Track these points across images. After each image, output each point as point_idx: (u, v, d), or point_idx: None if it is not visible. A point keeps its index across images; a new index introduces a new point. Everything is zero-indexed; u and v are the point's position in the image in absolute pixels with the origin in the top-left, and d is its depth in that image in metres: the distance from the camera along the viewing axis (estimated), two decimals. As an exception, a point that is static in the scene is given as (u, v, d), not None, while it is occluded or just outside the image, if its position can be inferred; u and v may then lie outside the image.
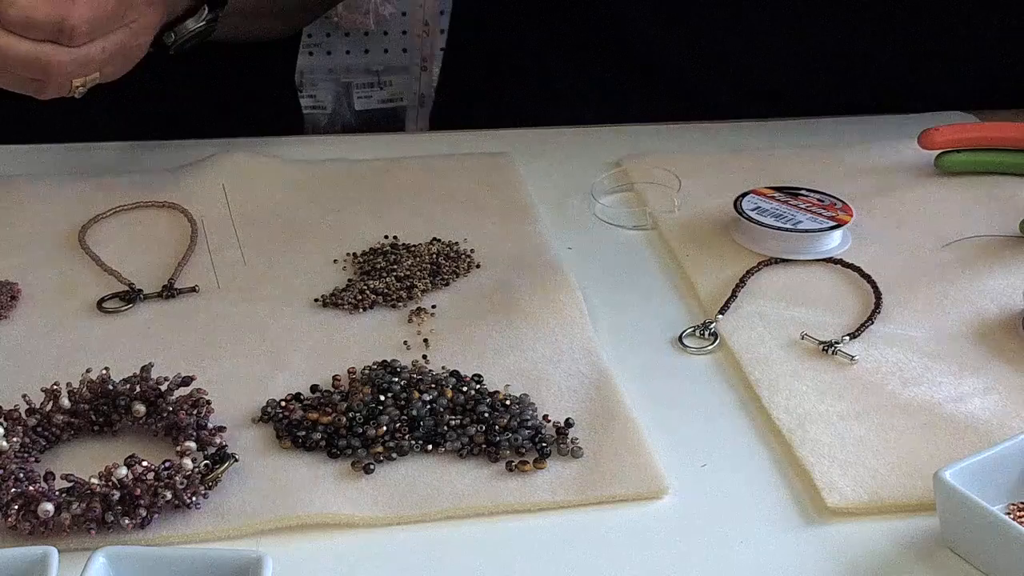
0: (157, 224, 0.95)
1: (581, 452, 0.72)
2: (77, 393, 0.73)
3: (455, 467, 0.72)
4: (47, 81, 0.87)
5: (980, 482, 0.65)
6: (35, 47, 0.85)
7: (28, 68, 0.86)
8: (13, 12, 0.84)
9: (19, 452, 0.70)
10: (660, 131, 1.12)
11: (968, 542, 0.65)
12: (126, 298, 0.86)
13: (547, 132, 1.12)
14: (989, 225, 0.96)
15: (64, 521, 0.65)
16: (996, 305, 0.87)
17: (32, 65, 0.86)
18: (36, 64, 0.86)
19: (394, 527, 0.68)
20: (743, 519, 0.69)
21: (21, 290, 0.86)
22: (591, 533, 0.68)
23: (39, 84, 0.88)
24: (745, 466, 0.73)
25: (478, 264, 0.91)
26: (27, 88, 0.88)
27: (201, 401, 0.73)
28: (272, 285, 0.88)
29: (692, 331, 0.84)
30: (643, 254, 0.94)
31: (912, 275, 0.90)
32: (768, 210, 0.93)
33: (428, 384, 0.76)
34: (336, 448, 0.72)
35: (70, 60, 0.86)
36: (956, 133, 1.04)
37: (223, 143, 1.05)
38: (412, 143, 1.09)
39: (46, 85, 0.88)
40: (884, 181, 1.03)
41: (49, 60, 0.86)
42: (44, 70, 0.86)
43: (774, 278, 0.90)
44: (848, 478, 0.71)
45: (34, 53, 0.85)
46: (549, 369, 0.79)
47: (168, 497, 0.66)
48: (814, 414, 0.76)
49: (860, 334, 0.83)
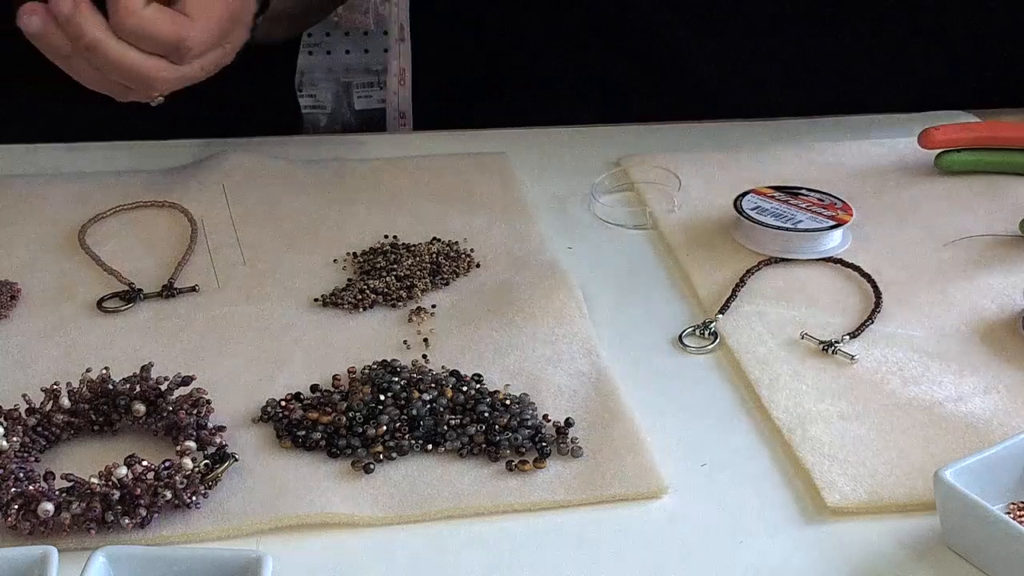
0: (157, 224, 0.95)
1: (581, 452, 0.72)
2: (77, 393, 0.73)
3: (455, 467, 0.72)
4: (139, 90, 0.87)
5: (980, 481, 0.65)
6: (145, 60, 0.85)
7: (131, 78, 0.86)
8: (133, 22, 0.83)
9: (19, 452, 0.70)
10: (660, 131, 1.12)
11: (968, 541, 0.65)
12: (126, 298, 0.86)
13: (547, 132, 1.12)
14: (989, 224, 0.96)
15: (64, 521, 0.65)
16: (996, 304, 0.87)
17: (137, 76, 0.86)
18: (141, 76, 0.85)
19: (394, 527, 0.68)
20: (743, 518, 0.69)
21: (21, 290, 0.86)
22: (591, 533, 0.68)
23: (129, 91, 0.88)
24: (745, 466, 0.73)
25: (478, 264, 0.91)
26: (114, 91, 0.88)
27: (201, 401, 0.73)
28: (272, 285, 0.88)
29: (692, 331, 0.84)
30: (643, 254, 0.94)
31: (912, 274, 0.90)
32: (768, 209, 0.93)
33: (428, 384, 0.76)
34: (336, 448, 0.72)
35: (174, 77, 0.87)
36: (956, 132, 1.04)
37: (223, 143, 1.05)
38: (412, 143, 1.09)
39: (136, 92, 0.88)
40: (884, 181, 1.03)
41: (156, 75, 0.86)
42: (147, 83, 0.86)
43: (774, 278, 0.90)
44: (848, 477, 0.71)
45: (143, 66, 0.85)
46: (549, 369, 0.79)
47: (168, 497, 0.66)
48: (814, 413, 0.76)
49: (860, 333, 0.83)
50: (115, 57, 0.84)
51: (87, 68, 0.86)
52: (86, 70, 0.87)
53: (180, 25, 0.85)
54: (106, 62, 0.85)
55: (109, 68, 0.85)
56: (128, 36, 0.84)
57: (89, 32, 0.83)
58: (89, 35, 0.83)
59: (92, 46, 0.84)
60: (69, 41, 0.84)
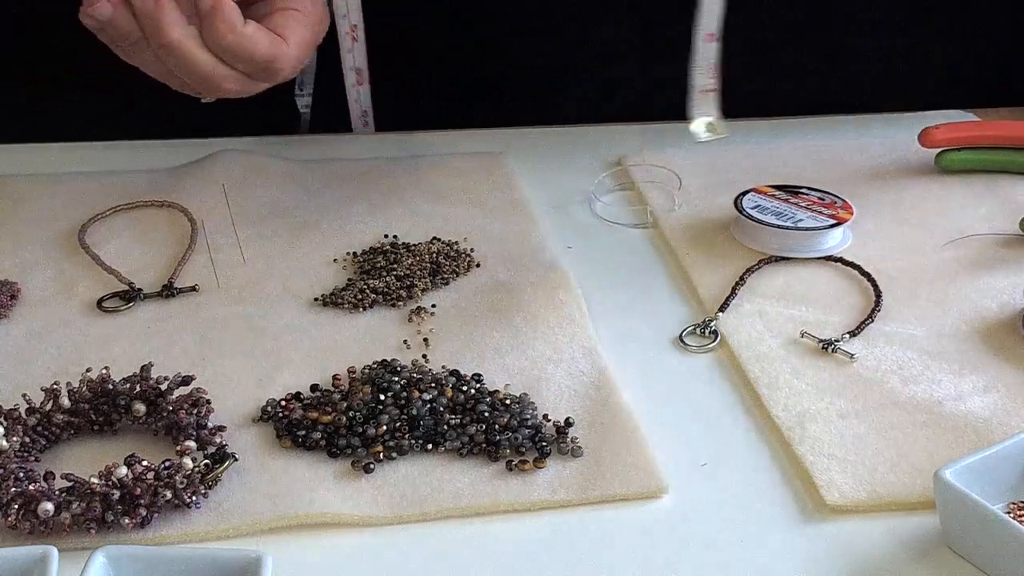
0: (157, 224, 0.95)
1: (581, 451, 0.72)
2: (77, 392, 0.73)
3: (455, 466, 0.72)
4: (203, 92, 0.86)
5: (980, 481, 0.65)
6: (224, 71, 0.83)
7: (201, 83, 0.84)
8: (232, 40, 0.82)
9: (19, 452, 0.70)
10: (660, 131, 1.12)
11: (968, 541, 0.65)
12: (126, 297, 0.86)
13: (547, 132, 1.12)
14: (989, 223, 0.96)
15: (64, 521, 0.65)
16: (996, 303, 0.87)
17: (208, 83, 0.84)
18: (213, 84, 0.84)
19: (394, 527, 0.68)
20: (743, 517, 0.69)
21: (21, 290, 0.86)
22: (591, 532, 0.68)
23: (187, 86, 0.86)
24: (745, 464, 0.73)
25: (478, 263, 0.91)
26: (171, 83, 0.86)
27: (201, 401, 0.73)
28: (272, 285, 0.88)
29: (692, 329, 0.84)
30: (643, 253, 0.94)
31: (912, 273, 0.90)
32: (768, 208, 0.93)
33: (428, 383, 0.76)
34: (336, 447, 0.72)
35: (243, 88, 0.85)
36: (956, 131, 1.04)
37: (223, 143, 1.05)
38: (412, 143, 1.09)
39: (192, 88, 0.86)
40: (884, 179, 1.03)
41: (229, 86, 0.84)
42: (217, 91, 0.85)
43: (774, 276, 0.90)
44: (847, 476, 0.71)
45: (220, 76, 0.83)
46: (549, 368, 0.79)
47: (168, 496, 0.66)
48: (814, 412, 0.76)
49: (860, 332, 0.83)
50: (194, 62, 0.83)
51: (151, 59, 0.84)
52: (150, 61, 0.85)
53: (276, 46, 0.84)
54: (182, 64, 0.83)
55: (182, 69, 0.83)
56: (222, 52, 0.82)
57: (170, 34, 0.81)
58: (170, 37, 0.81)
59: (171, 47, 0.82)
60: (141, 33, 0.82)
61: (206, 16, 0.82)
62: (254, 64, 0.84)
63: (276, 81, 0.86)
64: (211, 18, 0.82)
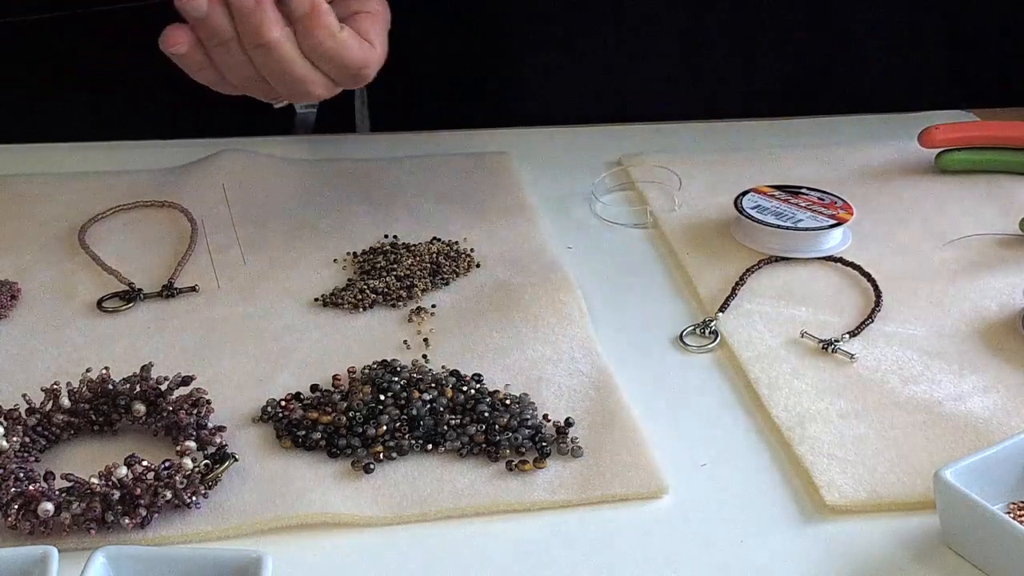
0: (157, 224, 0.95)
1: (581, 451, 0.72)
2: (77, 393, 0.73)
3: (455, 467, 0.72)
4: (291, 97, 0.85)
5: (980, 481, 0.65)
6: (316, 75, 0.82)
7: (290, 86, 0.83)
8: (331, 45, 0.81)
9: (19, 452, 0.70)
10: (660, 131, 1.12)
11: (968, 541, 0.65)
12: (126, 298, 0.86)
13: (547, 132, 1.12)
14: (989, 224, 0.96)
15: (64, 521, 0.65)
16: (996, 304, 0.87)
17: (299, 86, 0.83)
18: (304, 88, 0.83)
19: (394, 527, 0.68)
20: (743, 518, 0.69)
21: (21, 290, 0.86)
22: (591, 532, 0.68)
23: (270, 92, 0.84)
24: (745, 465, 0.73)
25: (478, 264, 0.91)
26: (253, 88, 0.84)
27: (201, 401, 0.73)
28: (272, 285, 0.88)
29: (692, 329, 0.84)
30: (643, 253, 0.94)
31: (912, 273, 0.90)
32: (768, 208, 0.93)
33: (428, 384, 0.76)
34: (336, 448, 0.72)
35: (329, 93, 0.84)
36: (956, 132, 1.04)
37: (223, 143, 1.05)
38: (412, 143, 1.09)
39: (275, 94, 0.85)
40: (884, 180, 1.03)
41: (319, 91, 0.83)
42: (305, 95, 0.83)
43: (774, 276, 0.90)
44: (847, 476, 0.71)
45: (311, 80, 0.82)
46: (549, 369, 0.79)
47: (168, 497, 0.66)
48: (814, 412, 0.76)
49: (860, 332, 0.83)
50: (291, 65, 0.81)
51: (239, 61, 0.82)
52: (235, 64, 0.82)
53: (366, 52, 0.83)
54: (275, 65, 0.81)
55: (272, 70, 0.82)
56: (317, 56, 0.81)
57: (270, 32, 0.80)
58: (270, 35, 0.80)
59: (270, 47, 0.80)
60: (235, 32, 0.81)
61: (303, 20, 0.80)
62: (346, 69, 0.83)
63: (359, 85, 0.85)
64: (309, 22, 0.80)
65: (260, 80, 0.83)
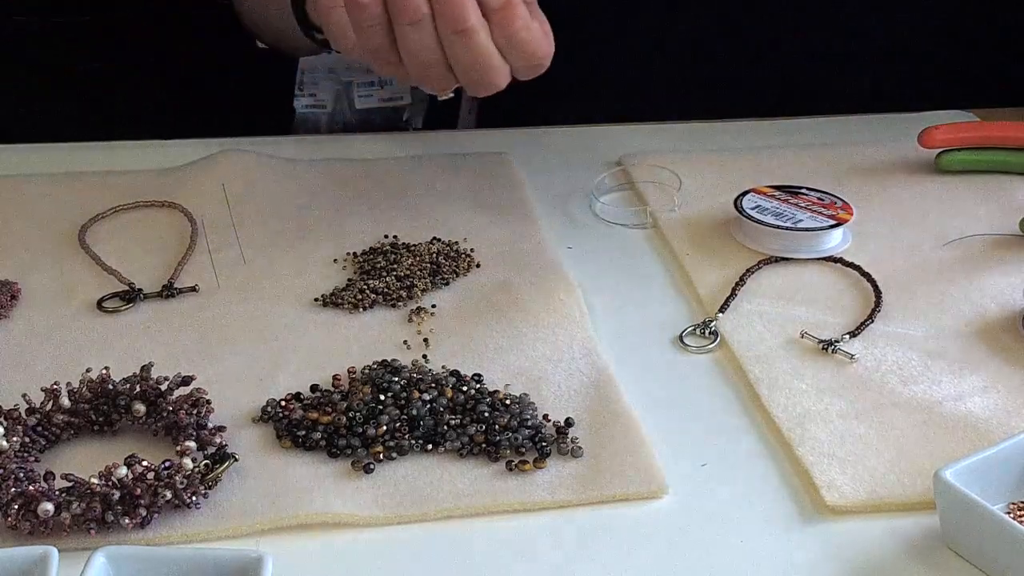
0: (157, 224, 0.95)
1: (581, 452, 0.72)
2: (77, 393, 0.73)
3: (455, 467, 0.72)
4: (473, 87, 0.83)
5: (980, 481, 0.65)
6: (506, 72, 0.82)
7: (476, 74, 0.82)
8: (525, 36, 0.81)
9: (19, 452, 0.70)
10: (660, 131, 1.12)
11: (968, 541, 0.65)
12: (126, 298, 0.86)
13: (547, 132, 1.12)
14: (989, 224, 0.96)
15: (64, 521, 0.65)
16: (996, 304, 0.87)
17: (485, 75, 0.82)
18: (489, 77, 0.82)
19: (394, 527, 0.68)
20: (743, 518, 0.69)
21: (21, 290, 0.86)
22: (591, 533, 0.68)
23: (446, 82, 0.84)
24: (745, 465, 0.73)
25: (478, 264, 0.91)
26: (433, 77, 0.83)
27: (201, 401, 0.73)
28: (272, 285, 0.88)
29: (692, 330, 0.84)
30: (643, 253, 0.94)
31: (912, 274, 0.90)
32: (768, 209, 0.93)
33: (428, 384, 0.76)
34: (336, 448, 0.72)
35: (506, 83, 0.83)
36: (956, 132, 1.04)
37: (223, 143, 1.05)
38: (412, 143, 1.09)
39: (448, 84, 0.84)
40: (884, 180, 1.03)
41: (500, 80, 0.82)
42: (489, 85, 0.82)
43: (774, 277, 0.90)
44: (847, 476, 0.71)
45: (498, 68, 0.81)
46: (549, 369, 0.79)
47: (168, 497, 0.66)
48: (814, 412, 0.76)
49: (860, 333, 0.83)
50: (486, 52, 0.81)
51: (428, 45, 0.81)
52: (426, 47, 0.81)
53: (550, 44, 0.83)
54: (470, 54, 0.81)
55: (464, 58, 0.81)
56: (511, 45, 0.81)
57: (470, 18, 0.79)
58: (469, 21, 0.79)
59: (468, 33, 0.80)
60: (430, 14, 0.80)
61: (499, 9, 0.80)
62: (533, 60, 0.82)
63: (533, 76, 0.84)
64: (506, 11, 0.80)
65: (443, 68, 0.82)
